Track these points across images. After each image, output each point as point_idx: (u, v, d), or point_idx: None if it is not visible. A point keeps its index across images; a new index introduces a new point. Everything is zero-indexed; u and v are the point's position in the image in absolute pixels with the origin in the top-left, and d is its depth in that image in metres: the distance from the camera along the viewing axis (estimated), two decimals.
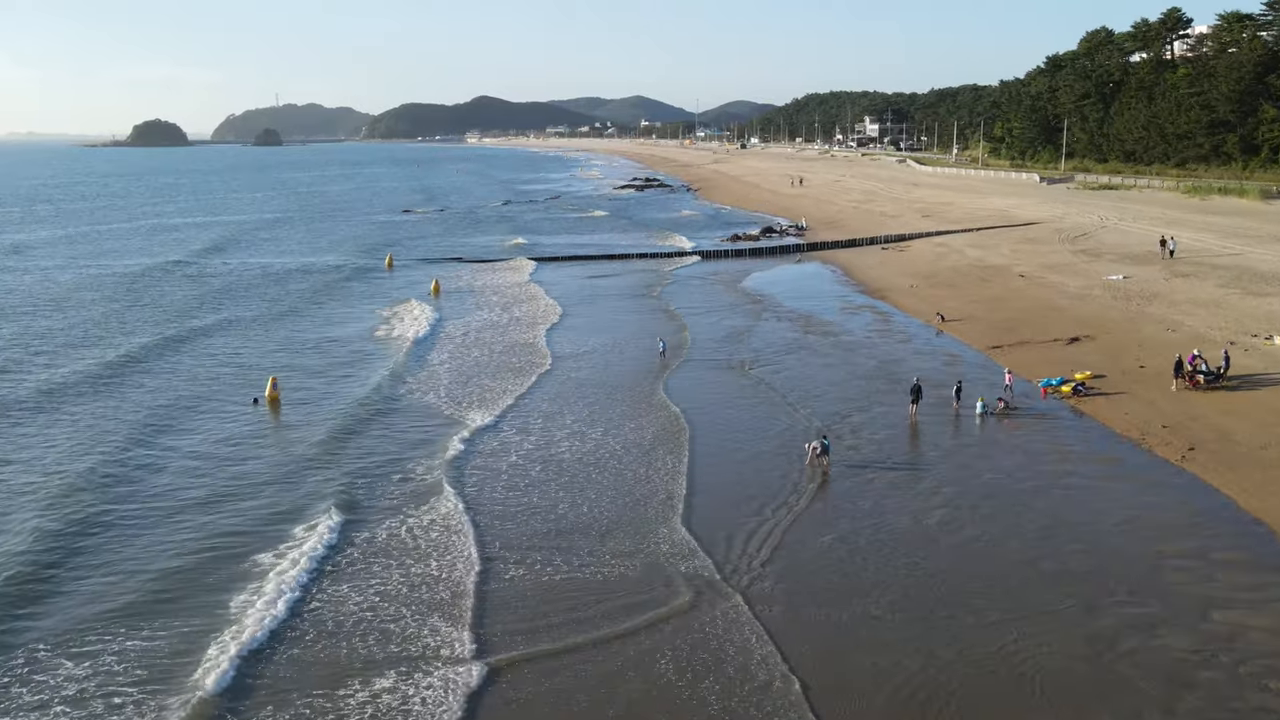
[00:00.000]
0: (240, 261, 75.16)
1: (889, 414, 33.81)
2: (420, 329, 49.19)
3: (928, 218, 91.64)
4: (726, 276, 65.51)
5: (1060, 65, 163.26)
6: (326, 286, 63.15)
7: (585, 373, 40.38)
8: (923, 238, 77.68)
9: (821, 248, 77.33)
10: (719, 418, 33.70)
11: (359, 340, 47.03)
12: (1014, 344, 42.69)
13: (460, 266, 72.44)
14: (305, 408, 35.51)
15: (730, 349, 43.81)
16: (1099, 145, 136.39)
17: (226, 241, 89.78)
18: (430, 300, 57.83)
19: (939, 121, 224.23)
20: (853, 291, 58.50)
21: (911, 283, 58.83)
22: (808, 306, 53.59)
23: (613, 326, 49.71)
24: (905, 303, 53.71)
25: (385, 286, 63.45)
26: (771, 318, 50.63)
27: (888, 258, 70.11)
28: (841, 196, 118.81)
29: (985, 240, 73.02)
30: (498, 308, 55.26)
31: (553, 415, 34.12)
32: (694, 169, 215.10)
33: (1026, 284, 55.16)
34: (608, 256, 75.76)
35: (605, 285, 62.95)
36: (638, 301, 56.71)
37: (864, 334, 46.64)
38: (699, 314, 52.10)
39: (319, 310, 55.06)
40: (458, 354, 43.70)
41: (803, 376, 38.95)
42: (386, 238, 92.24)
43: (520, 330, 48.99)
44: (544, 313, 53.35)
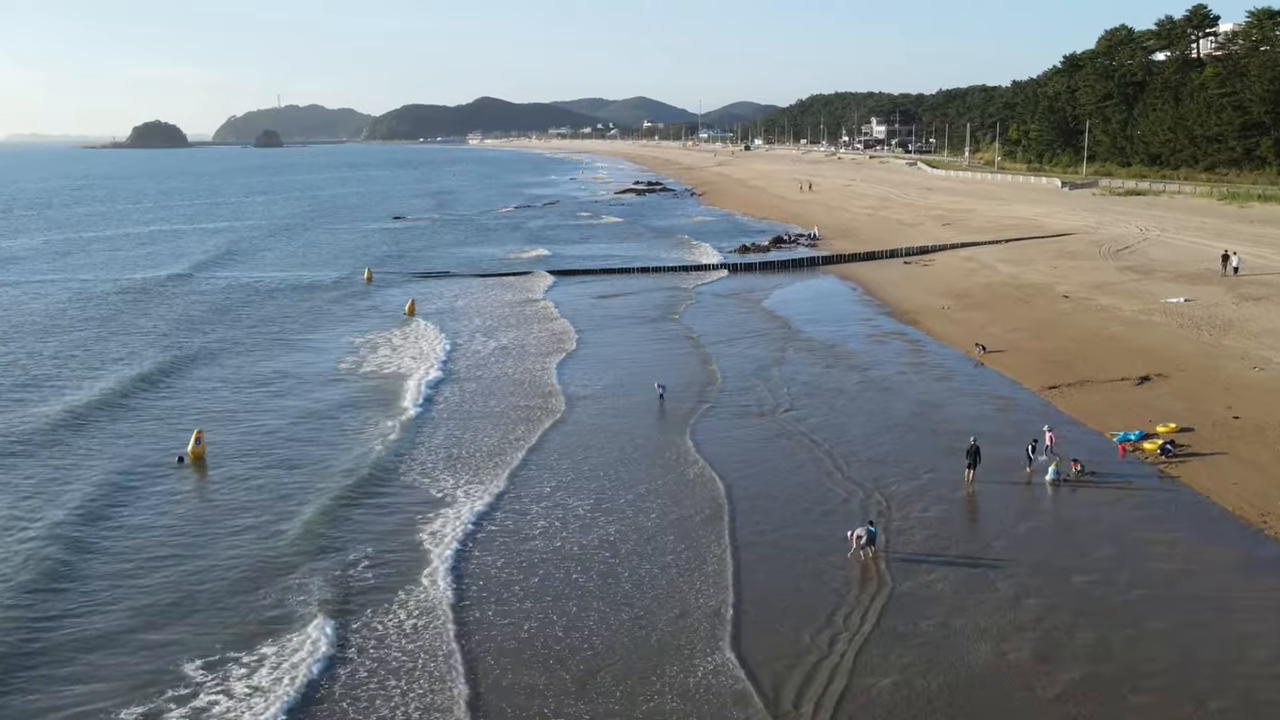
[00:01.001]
0: (204, 277, 69.32)
1: (939, 480, 27.98)
2: (396, 361, 43.35)
3: (948, 227, 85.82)
4: (745, 294, 59.68)
5: (1078, 65, 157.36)
6: (294, 306, 57.20)
7: (603, 417, 34.62)
8: (947, 250, 71.81)
9: (838, 261, 71.45)
10: (756, 486, 27.86)
11: (319, 377, 41.05)
12: (1073, 383, 36.80)
13: (448, 282, 66.60)
14: (238, 471, 29.67)
15: (759, 389, 37.80)
16: (1122, 148, 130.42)
17: (193, 254, 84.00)
18: (408, 324, 52.06)
19: (949, 123, 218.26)
20: (877, 314, 52.64)
21: (942, 304, 52.97)
22: (831, 333, 47.74)
23: (632, 357, 43.82)
24: (938, 328, 47.86)
25: (361, 306, 57.63)
26: (796, 348, 44.67)
27: (911, 273, 64.24)
28: (853, 203, 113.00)
29: (1017, 254, 67.13)
30: (486, 334, 49.37)
31: (567, 485, 28.00)
32: (697, 172, 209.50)
33: (1073, 307, 49.27)
34: (609, 270, 69.92)
35: (621, 306, 56.76)
36: (657, 327, 50.51)
37: (896, 368, 40.79)
38: (722, 342, 46.10)
39: (280, 337, 49.13)
40: (445, 397, 37.71)
41: (835, 426, 33.08)
42: (371, 248, 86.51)
43: (526, 362, 43.05)
44: (554, 340, 47.45)
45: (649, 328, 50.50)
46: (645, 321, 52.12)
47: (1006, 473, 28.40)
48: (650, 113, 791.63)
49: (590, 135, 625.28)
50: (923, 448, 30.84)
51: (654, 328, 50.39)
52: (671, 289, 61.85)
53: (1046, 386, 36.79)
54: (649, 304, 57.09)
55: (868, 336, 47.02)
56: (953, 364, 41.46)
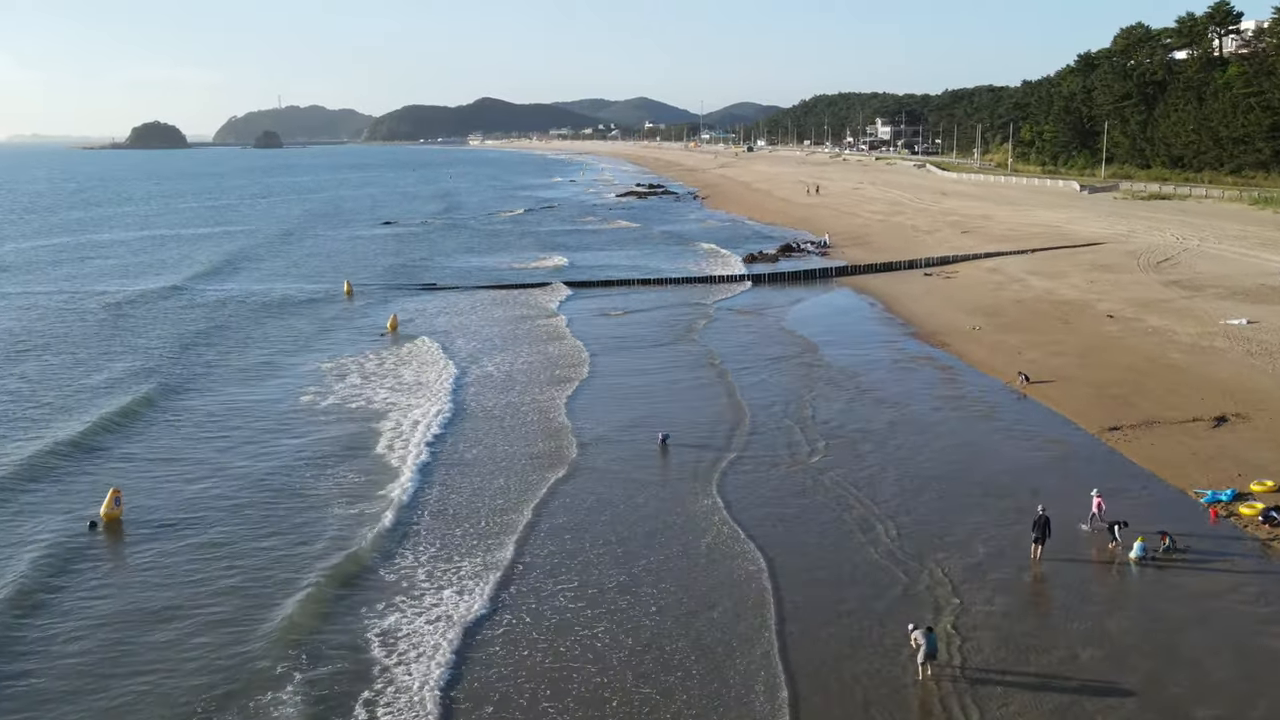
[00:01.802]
0: (165, 288, 64.51)
1: (999, 554, 23.25)
2: (367, 394, 38.57)
3: (967, 234, 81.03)
4: (762, 310, 55.07)
5: (1093, 63, 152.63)
6: (260, 325, 52.28)
7: (620, 466, 29.93)
8: (970, 260, 66.99)
9: (853, 272, 66.64)
10: (796, 560, 23.40)
11: (273, 415, 36.17)
12: (1137, 424, 32.01)
13: (437, 296, 61.79)
14: (159, 539, 24.93)
15: (787, 429, 33.04)
16: (1142, 150, 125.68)
17: (172, 266, 79.30)
18: (386, 344, 47.31)
19: (958, 124, 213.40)
20: (901, 334, 47.84)
21: (972, 323, 48.18)
22: (855, 358, 42.91)
23: (651, 388, 38.98)
24: (970, 352, 43.08)
25: (337, 323, 52.87)
26: (819, 375, 39.81)
27: (933, 286, 59.45)
28: (864, 207, 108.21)
29: (1047, 265, 62.31)
30: (474, 358, 44.60)
31: (580, 570, 23.03)
32: (700, 174, 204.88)
33: (1121, 329, 44.47)
34: (619, 281, 65.17)
35: (637, 325, 51.73)
36: (676, 351, 45.39)
37: (930, 402, 36.02)
38: (745, 369, 41.16)
39: (238, 360, 44.32)
40: (426, 441, 32.84)
41: (872, 478, 28.32)
42: (356, 257, 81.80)
43: (533, 392, 38.23)
44: (564, 364, 42.71)
45: (667, 351, 45.43)
46: (662, 344, 47.04)
47: (1074, 545, 23.67)
48: (652, 113, 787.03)
49: (591, 136, 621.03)
50: (973, 508, 26.10)
51: (672, 351, 45.31)
52: (688, 304, 56.79)
53: (1107, 428, 32.00)
54: (666, 322, 52.18)
55: (894, 362, 42.21)
56: (993, 397, 36.67)
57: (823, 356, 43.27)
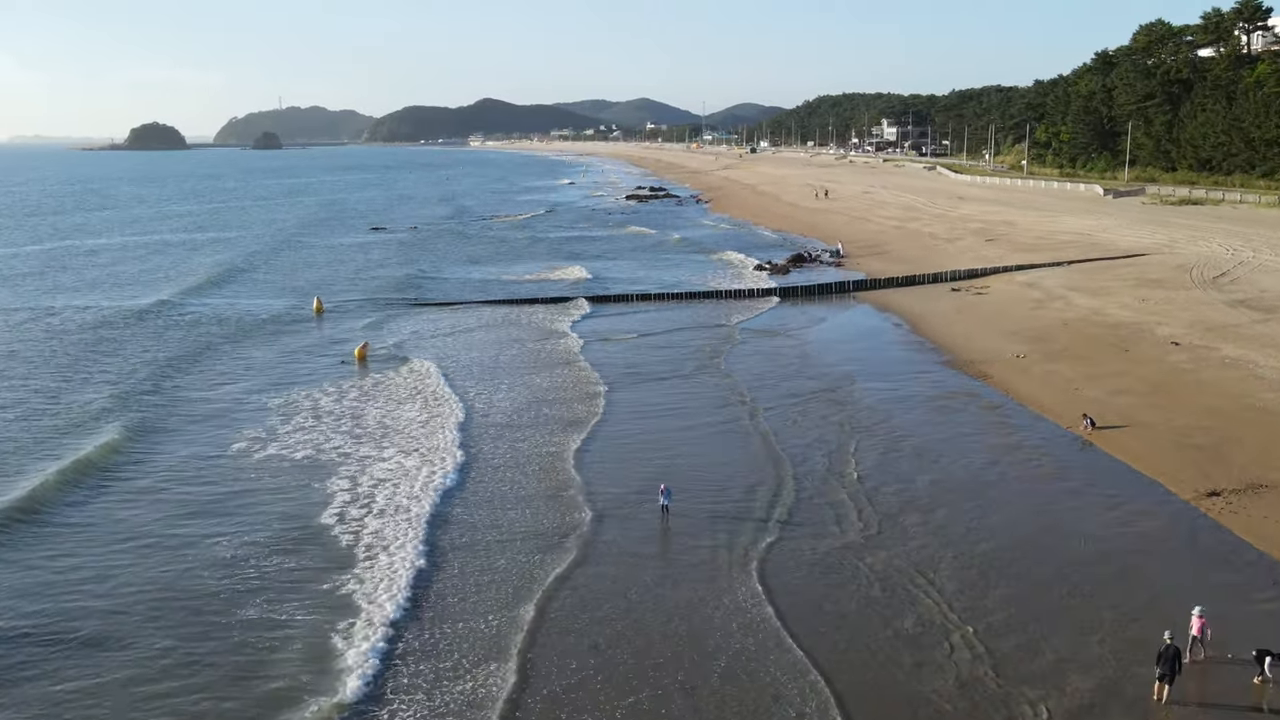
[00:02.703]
0: (113, 303, 58.97)
1: (1109, 691, 17.77)
2: (320, 442, 32.99)
3: (992, 243, 75.47)
4: (782, 331, 49.69)
5: (1111, 62, 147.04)
6: (211, 351, 46.46)
7: (642, 546, 24.43)
8: (1001, 274, 61.41)
9: (873, 286, 61.04)
10: (860, 679, 18.09)
11: (200, 473, 30.66)
12: (1240, 488, 26.46)
13: (424, 314, 56.18)
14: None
15: (832, 493, 27.42)
16: (1166, 152, 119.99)
17: (115, 273, 73.87)
18: (353, 375, 41.77)
19: (967, 125, 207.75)
20: (935, 363, 42.22)
21: (1015, 349, 42.60)
22: (887, 393, 37.32)
23: (674, 433, 33.28)
24: (1018, 386, 37.50)
25: (300, 348, 47.31)
26: (855, 420, 34.05)
27: (964, 304, 53.87)
28: (876, 212, 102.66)
29: (1088, 279, 56.72)
30: (463, 394, 38.99)
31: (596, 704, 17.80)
32: (702, 176, 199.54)
33: (1191, 359, 38.87)
34: (625, 297, 59.67)
35: (656, 349, 45.97)
36: (701, 384, 39.54)
37: (982, 454, 30.47)
38: (776, 409, 35.49)
39: (172, 394, 38.64)
40: (390, 512, 27.28)
41: (929, 563, 22.75)
42: (336, 268, 76.30)
43: (538, 436, 32.81)
44: (575, 402, 37.11)
45: (690, 384, 39.62)
46: (685, 374, 41.21)
47: (1206, 677, 18.15)
48: (653, 114, 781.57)
49: (593, 137, 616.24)
50: (1058, 614, 20.62)
51: (696, 384, 39.56)
52: (709, 325, 51.00)
53: (1204, 493, 26.42)
54: (687, 345, 46.51)
55: (932, 399, 36.60)
56: (1054, 446, 31.12)
57: (853, 391, 37.64)
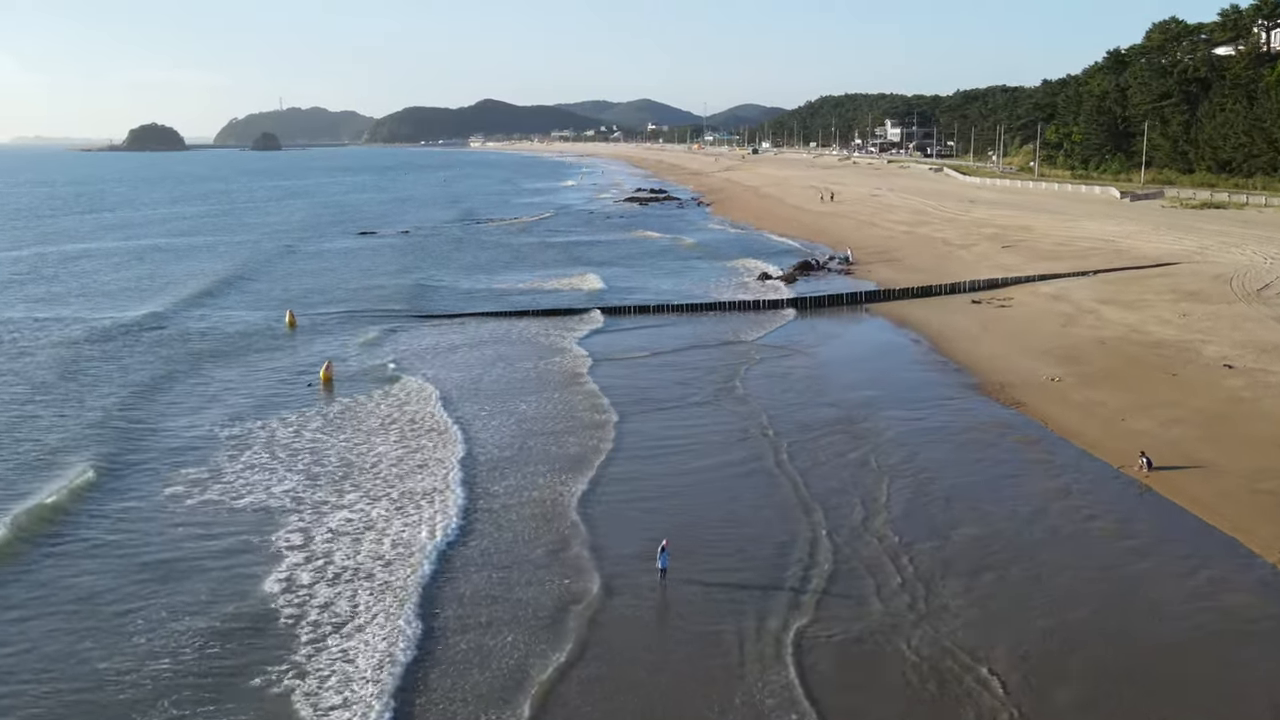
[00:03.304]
0: (77, 316, 55.16)
1: None
2: (270, 485, 29.11)
3: (1009, 249, 71.62)
4: (799, 351, 45.30)
5: (1123, 60, 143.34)
6: (166, 371, 42.20)
7: (656, 634, 20.46)
8: (1023, 284, 57.54)
9: (886, 297, 57.16)
10: None
11: (120, 531, 26.72)
12: None
13: (409, 328, 52.30)
14: None
15: (870, 559, 23.40)
16: (1184, 153, 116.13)
17: (85, 285, 70.07)
18: (321, 402, 37.91)
19: (974, 125, 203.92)
20: (962, 387, 38.31)
21: (1050, 372, 38.69)
22: (912, 422, 33.48)
23: (692, 477, 29.15)
24: (1057, 416, 33.62)
25: (265, 369, 43.39)
26: (882, 460, 30.09)
27: (986, 318, 49.99)
28: (885, 216, 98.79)
29: (1119, 290, 52.84)
30: (443, 427, 35.12)
31: None
32: (704, 178, 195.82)
33: (1249, 385, 34.97)
34: (642, 308, 55.82)
35: (669, 369, 41.90)
36: (718, 411, 35.52)
37: (1026, 503, 26.55)
38: (798, 440, 31.73)
39: (112, 428, 34.43)
40: (347, 578, 23.39)
41: (979, 642, 18.89)
42: (316, 277, 72.43)
43: (540, 481, 28.67)
44: (579, 438, 33.04)
45: (709, 413, 35.50)
46: (703, 401, 37.07)
47: None
48: (654, 115, 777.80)
49: (593, 138, 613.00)
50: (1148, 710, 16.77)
51: (715, 414, 35.44)
52: (726, 342, 46.90)
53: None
54: (704, 366, 42.41)
55: (963, 433, 32.68)
56: (1107, 491, 27.26)
57: (877, 422, 33.70)
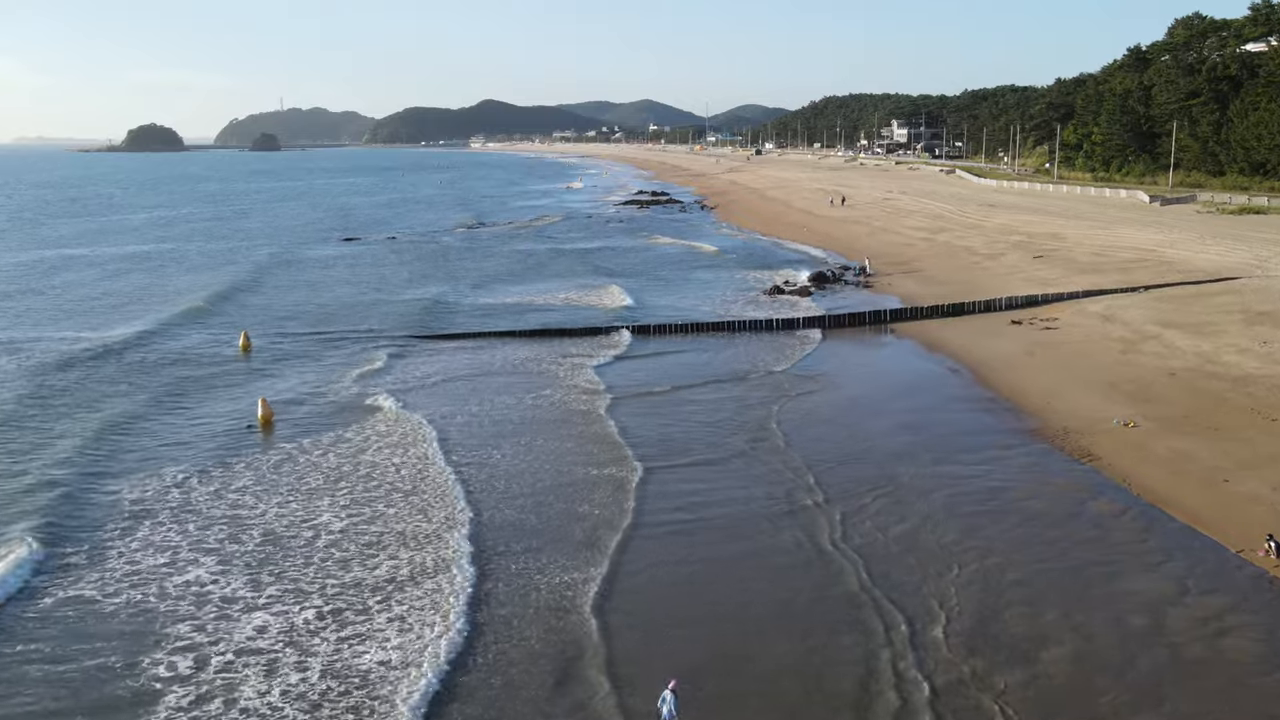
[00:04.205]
0: (4, 334, 49.45)
1: None
2: (166, 574, 23.18)
3: (1041, 260, 65.74)
4: (829, 382, 39.19)
5: (1145, 58, 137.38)
6: (89, 402, 36.19)
7: None
8: (1067, 301, 51.64)
9: (914, 316, 51.28)
10: None
11: None
12: None
13: (389, 351, 46.18)
14: None
15: (967, 705, 17.81)
16: (1214, 154, 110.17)
17: (26, 305, 64.35)
18: (258, 448, 32.08)
19: (985, 126, 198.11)
20: (1016, 431, 32.36)
21: (1119, 414, 32.73)
22: (966, 482, 27.49)
23: (728, 566, 22.98)
24: (1141, 475, 27.70)
25: (203, 403, 37.47)
26: (941, 536, 24.24)
27: (1032, 342, 44.07)
28: (901, 222, 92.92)
29: (1179, 311, 46.92)
30: (411, 485, 29.28)
31: None
32: (707, 179, 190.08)
33: None
34: (664, 328, 49.93)
35: (697, 409, 35.35)
36: (754, 466, 29.36)
37: (1131, 612, 20.59)
38: (861, 513, 25.79)
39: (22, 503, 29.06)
40: None
41: None
42: (287, 291, 66.67)
43: (545, 579, 22.41)
44: (577, 498, 27.22)
45: (743, 470, 29.25)
46: (735, 452, 30.69)
47: None
48: (656, 116, 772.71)
49: (595, 139, 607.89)
50: None
51: (750, 470, 29.23)
52: (759, 372, 40.64)
53: None
54: (735, 403, 36.22)
55: (1031, 497, 26.66)
56: (1230, 586, 21.37)
57: (925, 482, 27.63)
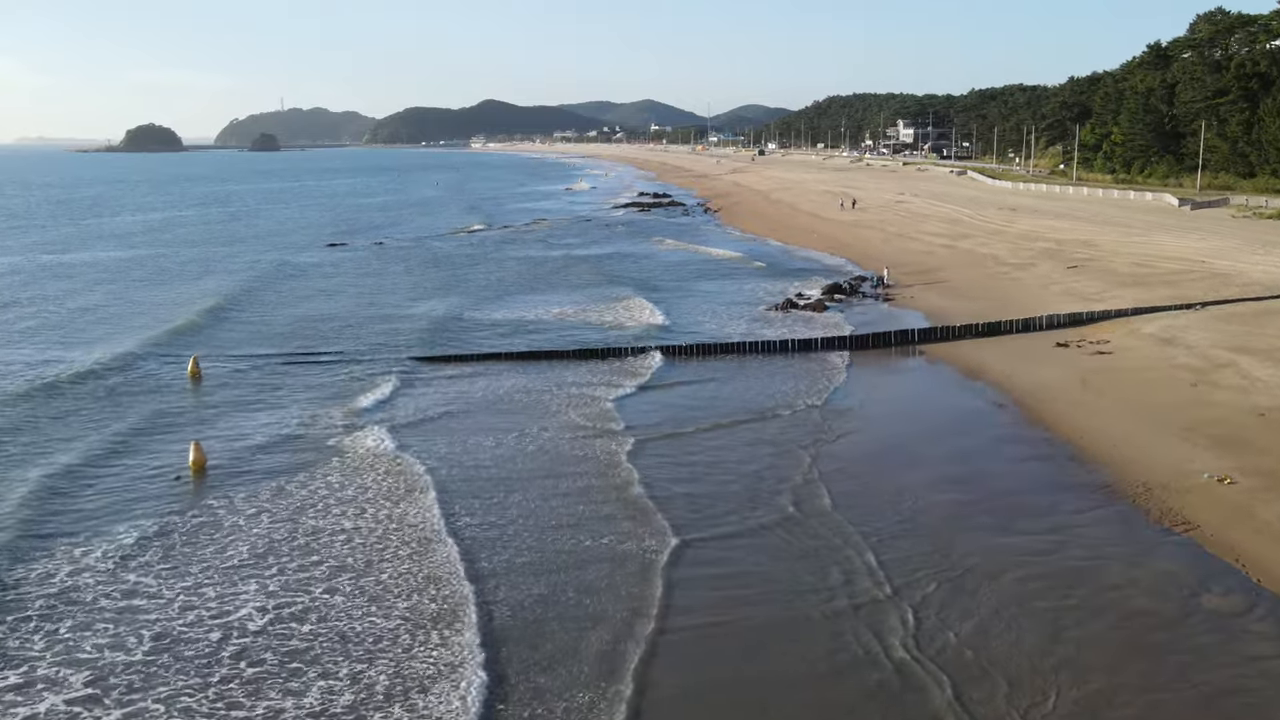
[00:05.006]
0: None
1: None
2: (10, 700, 18.04)
3: (1076, 270, 60.54)
4: (864, 418, 33.70)
5: (1166, 55, 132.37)
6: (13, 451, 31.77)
7: None
8: (1115, 319, 46.37)
9: (944, 337, 46.04)
10: None
11: None
12: None
13: (372, 377, 40.99)
14: None
15: None
16: (1244, 155, 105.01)
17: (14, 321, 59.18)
18: (184, 500, 26.84)
19: (995, 126, 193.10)
20: (1089, 489, 27.00)
21: (1209, 465, 27.41)
22: (1039, 561, 22.14)
23: (775, 684, 17.54)
24: (1260, 554, 22.42)
25: (131, 446, 32.06)
26: (1022, 642, 18.89)
27: (1085, 370, 38.72)
28: (917, 227, 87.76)
29: (1248, 332, 41.57)
30: (373, 563, 24.08)
31: None
32: (709, 180, 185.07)
33: None
34: (696, 349, 44.62)
35: (729, 456, 29.25)
36: (800, 537, 23.38)
37: None
38: (912, 580, 20.67)
39: None
40: None
41: None
42: (262, 305, 61.42)
43: None
44: (591, 589, 21.89)
45: (788, 543, 23.20)
46: (778, 519, 24.42)
47: None
48: (657, 116, 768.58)
49: (596, 139, 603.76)
50: None
51: (796, 542, 23.22)
52: (783, 407, 34.73)
53: None
54: (766, 450, 29.96)
55: (1123, 586, 21.28)
56: None
57: (988, 558, 22.07)
